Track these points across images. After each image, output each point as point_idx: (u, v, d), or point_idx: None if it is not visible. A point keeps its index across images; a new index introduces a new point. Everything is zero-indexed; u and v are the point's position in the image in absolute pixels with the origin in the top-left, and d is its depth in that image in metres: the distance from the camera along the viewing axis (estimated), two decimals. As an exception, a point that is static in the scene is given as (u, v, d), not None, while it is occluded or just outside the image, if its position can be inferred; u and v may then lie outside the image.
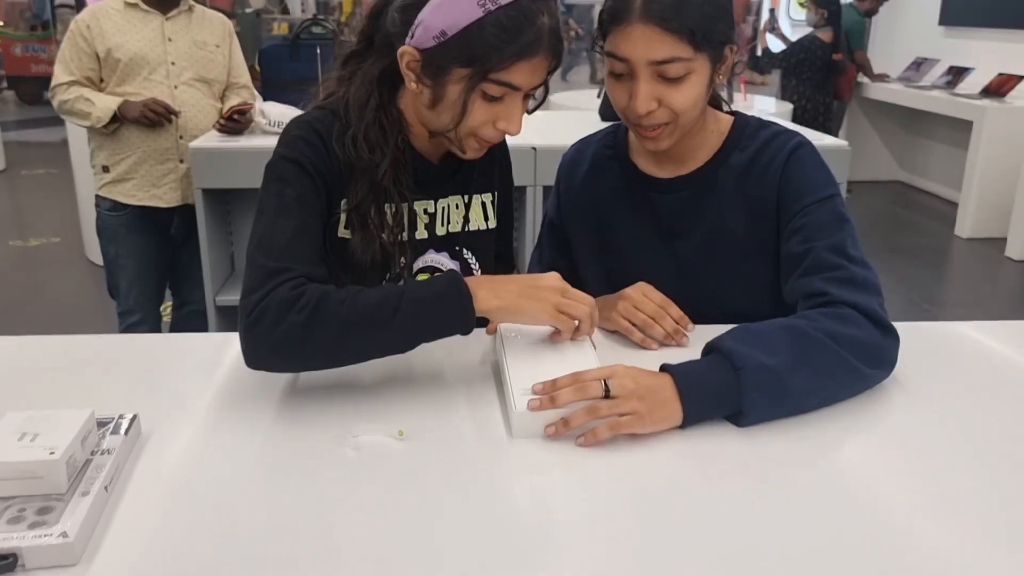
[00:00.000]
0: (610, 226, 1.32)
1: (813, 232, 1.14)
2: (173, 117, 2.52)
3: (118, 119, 2.48)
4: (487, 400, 1.01)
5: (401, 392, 1.02)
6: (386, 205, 1.13)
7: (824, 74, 5.58)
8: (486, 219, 1.29)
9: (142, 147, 2.54)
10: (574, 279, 1.35)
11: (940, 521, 0.78)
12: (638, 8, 1.06)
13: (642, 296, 1.17)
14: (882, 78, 6.57)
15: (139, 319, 2.70)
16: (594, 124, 1.77)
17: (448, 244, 1.24)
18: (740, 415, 0.94)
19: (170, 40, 2.55)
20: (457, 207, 1.24)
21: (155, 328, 2.78)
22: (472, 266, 1.27)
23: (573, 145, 1.41)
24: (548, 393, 0.92)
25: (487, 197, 1.29)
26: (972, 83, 5.78)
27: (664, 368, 0.96)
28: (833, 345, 0.98)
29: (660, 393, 0.92)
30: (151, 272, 2.71)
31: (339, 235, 1.14)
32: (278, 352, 0.95)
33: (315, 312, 0.94)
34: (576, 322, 1.02)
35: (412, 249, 1.18)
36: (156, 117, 2.48)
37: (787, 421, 0.96)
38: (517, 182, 1.40)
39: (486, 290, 0.99)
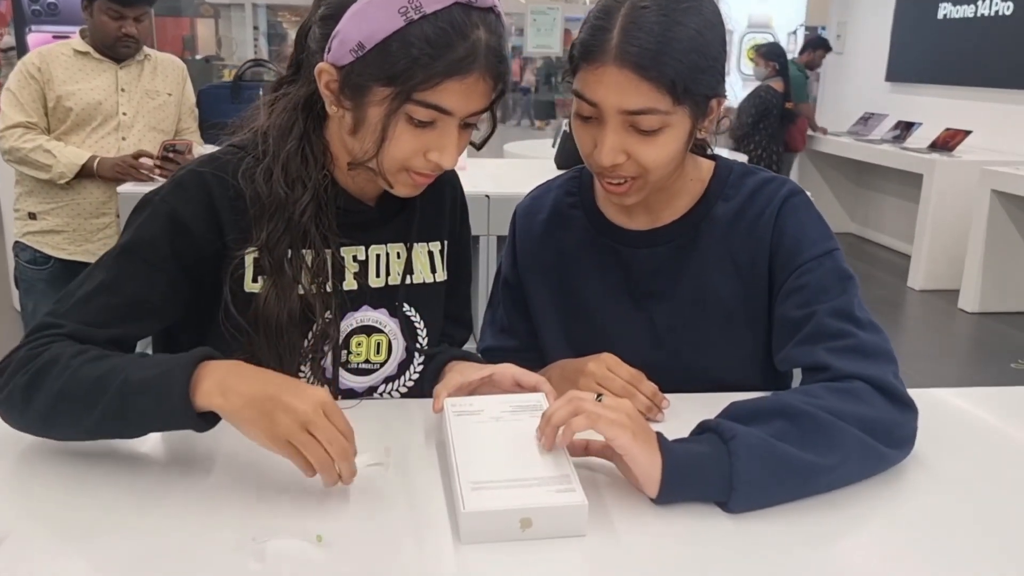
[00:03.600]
0: (574, 284, 1.17)
1: (814, 294, 1.01)
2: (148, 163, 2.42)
3: (84, 174, 2.34)
4: (430, 495, 0.84)
5: (319, 483, 0.83)
6: (305, 249, 0.98)
7: (779, 123, 5.67)
8: (433, 271, 1.14)
9: (78, 198, 2.39)
10: (535, 342, 1.22)
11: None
12: (613, 49, 0.93)
13: (606, 372, 1.03)
14: (823, 131, 6.69)
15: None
16: (550, 172, 1.65)
17: (387, 298, 1.09)
18: (731, 491, 0.80)
19: (123, 90, 2.43)
20: (398, 256, 1.10)
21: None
22: (415, 324, 1.12)
23: (528, 193, 1.27)
24: (547, 428, 0.83)
25: (435, 246, 1.14)
26: (920, 137, 5.89)
27: None
28: (837, 421, 0.86)
29: (649, 434, 0.82)
30: None
31: (247, 290, 0.98)
32: (4, 414, 0.88)
33: (36, 377, 0.85)
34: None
35: (339, 301, 1.03)
36: (138, 174, 2.38)
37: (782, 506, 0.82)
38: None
39: (215, 385, 0.81)
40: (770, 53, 5.78)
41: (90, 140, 2.39)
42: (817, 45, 6.45)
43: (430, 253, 1.14)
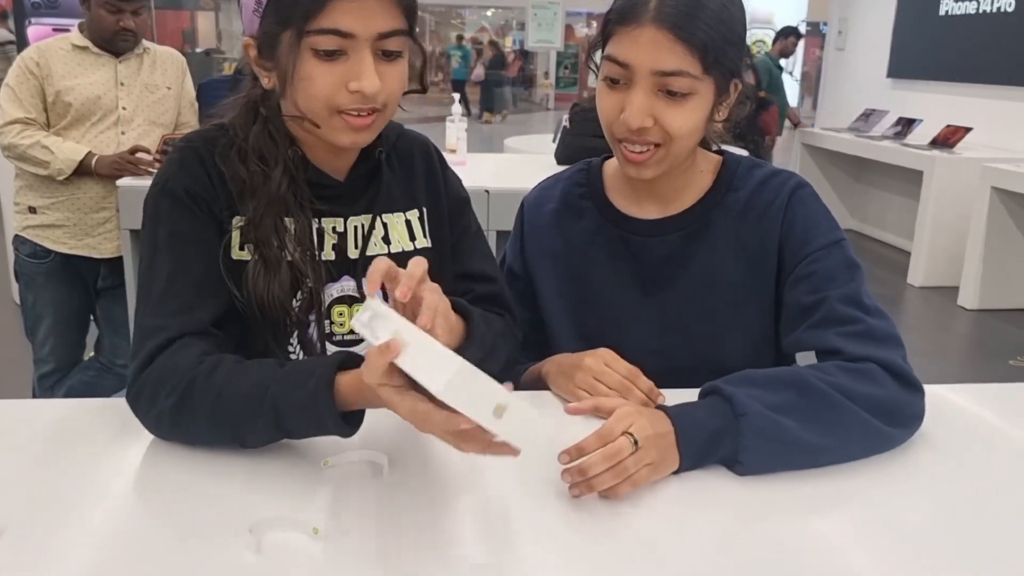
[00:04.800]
0: (583, 272, 1.18)
1: (823, 281, 1.04)
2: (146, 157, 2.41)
3: (82, 171, 2.33)
4: (428, 487, 0.84)
5: (317, 476, 0.85)
6: (288, 220, 1.01)
7: (756, 112, 5.72)
8: (412, 239, 1.14)
9: (78, 193, 2.38)
10: (541, 333, 1.23)
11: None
12: (652, 10, 0.97)
13: (603, 367, 1.04)
14: (798, 123, 6.75)
15: (53, 368, 2.51)
16: (550, 167, 1.65)
17: (366, 269, 1.09)
18: (737, 463, 0.88)
19: (122, 85, 2.41)
20: (374, 228, 1.11)
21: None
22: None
23: (536, 186, 1.28)
24: (577, 465, 0.82)
25: (412, 215, 1.14)
26: (921, 134, 5.88)
27: (660, 408, 0.90)
28: (846, 402, 0.90)
29: (667, 439, 0.87)
30: (70, 323, 2.53)
31: (234, 257, 1.00)
32: (159, 432, 0.92)
33: (181, 401, 0.88)
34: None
35: (321, 271, 1.05)
36: (136, 169, 2.37)
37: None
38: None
39: (355, 400, 0.83)
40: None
41: (90, 135, 2.38)
42: (788, 33, 6.41)
43: (407, 222, 1.14)
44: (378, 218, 1.11)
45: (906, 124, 6.09)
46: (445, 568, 0.72)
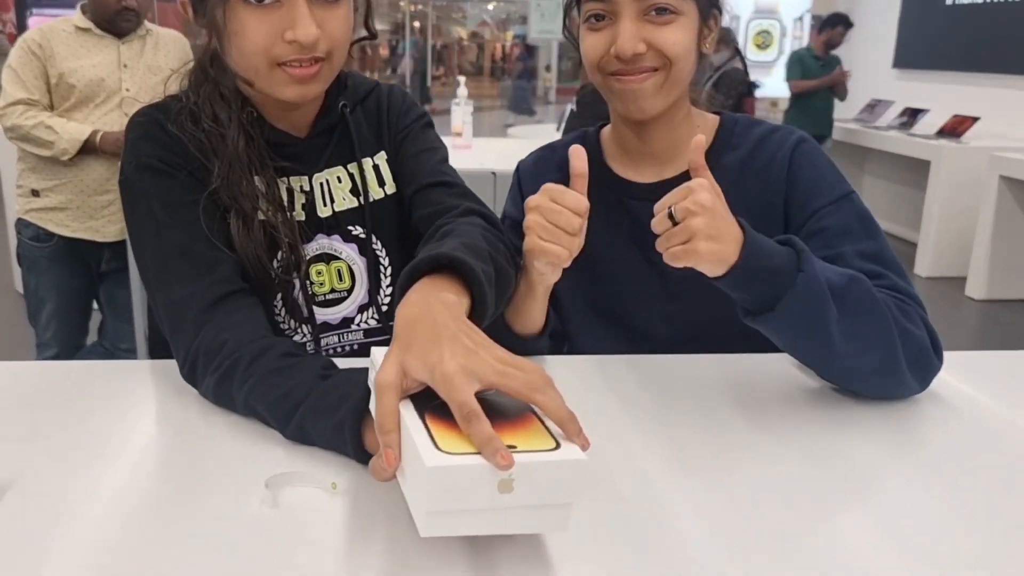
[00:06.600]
0: (584, 241, 1.15)
1: (836, 235, 1.01)
2: None
3: (87, 150, 2.30)
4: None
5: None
6: (256, 178, 0.98)
7: (739, 96, 5.75)
8: (382, 184, 1.10)
9: (81, 175, 2.36)
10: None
11: None
12: None
13: (551, 203, 0.96)
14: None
15: (56, 353, 2.50)
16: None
17: (337, 225, 1.07)
18: (767, 310, 0.86)
19: (125, 66, 2.38)
20: (340, 180, 1.08)
21: (75, 364, 2.58)
22: (375, 248, 1.09)
23: (531, 153, 1.26)
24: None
25: (380, 158, 1.11)
26: (927, 124, 5.85)
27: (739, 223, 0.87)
28: (891, 327, 0.89)
29: (728, 222, 0.85)
30: (73, 307, 2.51)
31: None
32: (211, 401, 0.89)
33: (222, 381, 0.85)
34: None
35: (299, 230, 1.03)
36: None
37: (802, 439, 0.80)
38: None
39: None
40: (729, 37, 5.87)
41: (93, 116, 2.36)
42: (836, 22, 6.20)
43: (376, 167, 1.11)
44: (345, 169, 1.08)
45: (912, 114, 6.06)
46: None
